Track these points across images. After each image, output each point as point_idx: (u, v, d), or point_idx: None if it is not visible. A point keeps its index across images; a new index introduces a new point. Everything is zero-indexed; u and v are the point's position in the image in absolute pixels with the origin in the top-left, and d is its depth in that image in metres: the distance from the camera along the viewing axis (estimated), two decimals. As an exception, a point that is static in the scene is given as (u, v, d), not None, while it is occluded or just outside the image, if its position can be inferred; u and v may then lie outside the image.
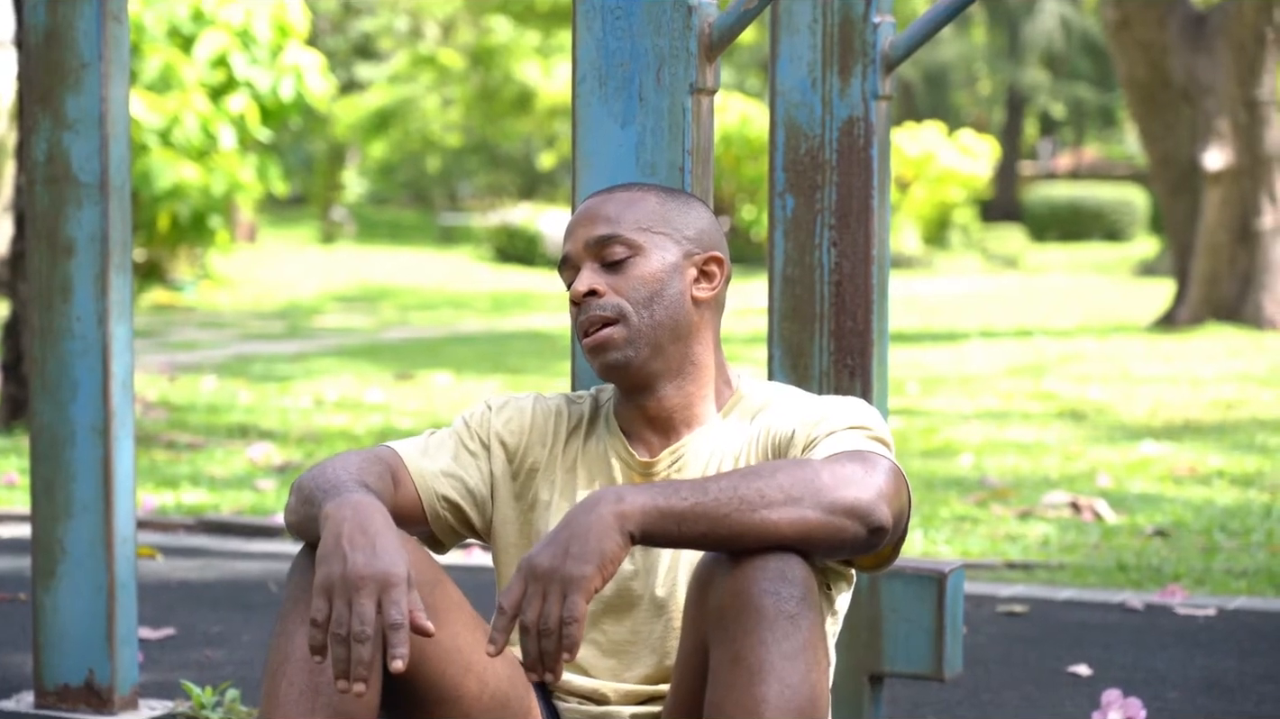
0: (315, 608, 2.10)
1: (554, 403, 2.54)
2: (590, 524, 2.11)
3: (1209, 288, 15.51)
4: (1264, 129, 15.33)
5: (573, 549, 2.09)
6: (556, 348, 14.03)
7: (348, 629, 2.08)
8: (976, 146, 27.71)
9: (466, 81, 32.48)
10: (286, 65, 17.23)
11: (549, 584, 2.08)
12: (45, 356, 3.65)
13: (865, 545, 2.20)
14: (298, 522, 2.30)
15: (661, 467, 2.43)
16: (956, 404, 10.13)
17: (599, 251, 2.43)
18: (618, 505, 2.12)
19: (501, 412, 2.51)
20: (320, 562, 2.12)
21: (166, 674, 4.10)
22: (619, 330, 2.40)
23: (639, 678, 2.42)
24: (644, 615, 2.41)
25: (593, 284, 2.41)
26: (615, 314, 2.40)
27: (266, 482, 7.06)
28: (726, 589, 2.16)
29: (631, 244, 2.42)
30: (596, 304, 2.41)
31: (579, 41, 2.82)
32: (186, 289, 19.46)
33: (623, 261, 2.42)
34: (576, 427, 2.51)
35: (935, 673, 3.34)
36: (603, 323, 2.41)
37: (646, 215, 2.45)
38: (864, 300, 3.30)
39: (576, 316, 2.44)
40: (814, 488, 2.16)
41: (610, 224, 2.43)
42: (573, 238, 2.46)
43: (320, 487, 2.26)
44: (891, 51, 3.31)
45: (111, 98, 3.61)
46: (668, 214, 2.46)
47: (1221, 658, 4.38)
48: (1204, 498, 6.82)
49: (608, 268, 2.43)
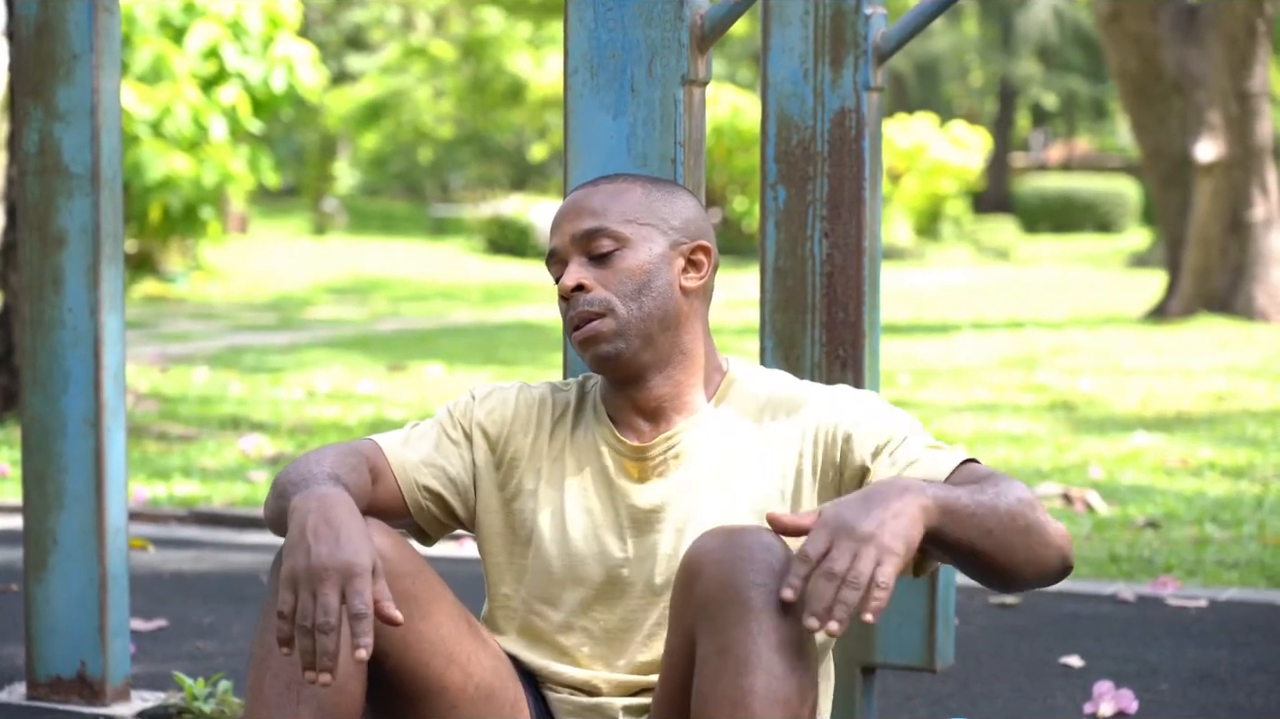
0: (281, 600, 2.10)
1: (538, 392, 2.53)
2: (905, 508, 2.10)
3: (1200, 280, 15.53)
4: (1255, 121, 15.34)
5: (889, 524, 2.08)
6: (548, 339, 14.03)
7: (312, 620, 2.08)
8: (968, 138, 27.72)
9: (458, 73, 32.47)
10: (278, 56, 17.21)
11: (864, 545, 2.06)
12: (37, 348, 3.65)
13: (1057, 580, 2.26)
14: (274, 517, 2.31)
15: (655, 452, 2.42)
16: (948, 396, 10.14)
17: (586, 245, 2.42)
18: (921, 497, 2.12)
19: (485, 401, 2.51)
20: (286, 554, 2.13)
21: (158, 665, 4.10)
22: (607, 323, 2.40)
23: (632, 667, 2.42)
24: (637, 603, 2.41)
25: (580, 279, 2.41)
26: (603, 308, 2.40)
27: (258, 473, 7.06)
28: (715, 580, 2.15)
29: (618, 237, 2.42)
30: (584, 299, 2.40)
31: (570, 33, 2.82)
32: (178, 280, 19.44)
33: (609, 254, 2.41)
34: (562, 415, 2.50)
35: (927, 664, 3.35)
36: (591, 317, 2.40)
37: (632, 207, 2.44)
38: (855, 292, 3.30)
39: (565, 311, 2.43)
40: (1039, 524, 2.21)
41: (596, 217, 2.42)
42: (559, 232, 2.46)
43: (292, 480, 2.27)
44: (883, 43, 3.31)
45: (103, 89, 3.61)
46: (653, 204, 2.45)
47: (1213, 649, 4.38)
48: (1195, 489, 6.83)
49: (595, 261, 2.42)
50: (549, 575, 2.43)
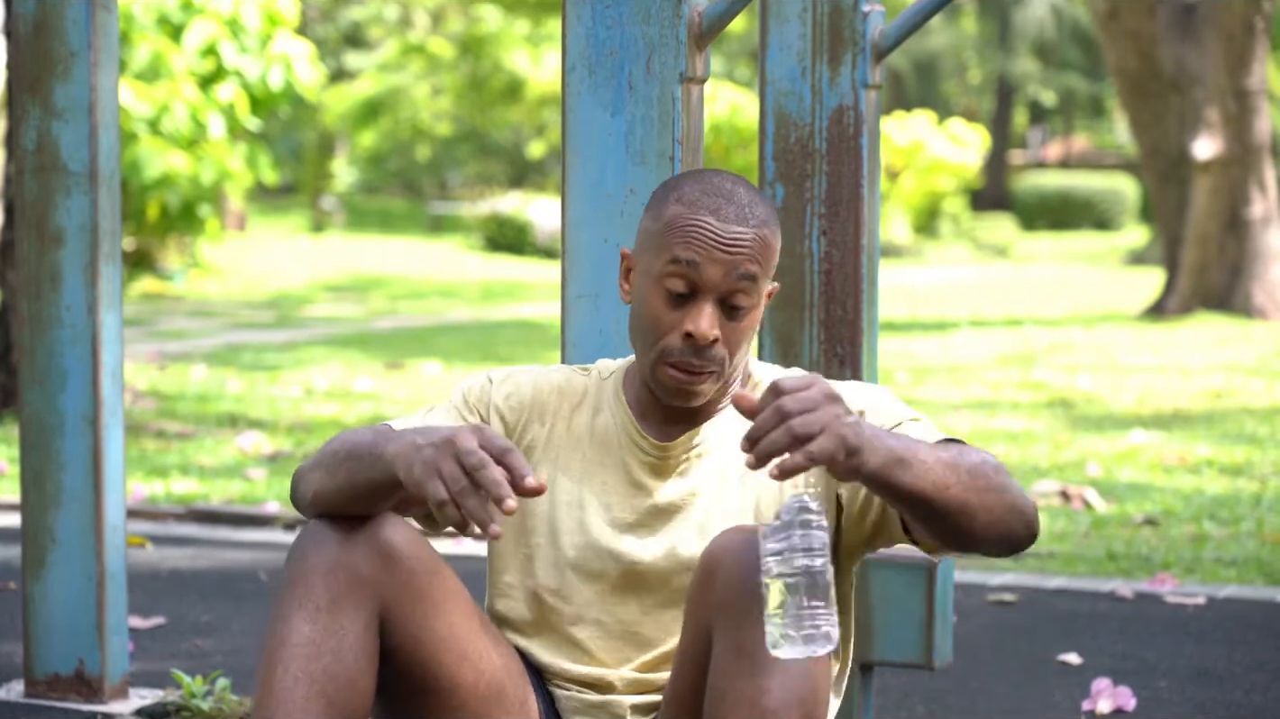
0: (432, 491, 2.08)
1: (556, 378, 2.49)
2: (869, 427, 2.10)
3: (1198, 277, 15.53)
4: (1253, 118, 15.34)
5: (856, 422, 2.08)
6: (546, 337, 14.03)
7: (466, 469, 2.07)
8: (966, 136, 27.71)
9: (456, 70, 32.46)
10: (276, 54, 17.19)
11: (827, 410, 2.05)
12: (34, 346, 3.65)
13: (1022, 548, 2.24)
14: (329, 489, 2.27)
15: (679, 451, 2.41)
16: (946, 393, 10.14)
17: (732, 291, 2.33)
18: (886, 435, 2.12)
19: (502, 386, 2.47)
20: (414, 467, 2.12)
21: (157, 663, 4.09)
22: (711, 380, 2.36)
23: (644, 665, 2.40)
24: (653, 600, 2.39)
25: (718, 333, 2.34)
26: (718, 367, 2.36)
27: (256, 471, 7.06)
28: (733, 578, 2.15)
29: (755, 301, 2.36)
30: (709, 352, 2.34)
31: (568, 30, 2.82)
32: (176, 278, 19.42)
33: (742, 310, 2.35)
34: (580, 403, 2.47)
35: (925, 662, 3.35)
36: (705, 372, 2.35)
37: (772, 261, 2.37)
38: (854, 289, 3.30)
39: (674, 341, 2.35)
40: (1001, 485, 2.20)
41: (755, 264, 2.33)
42: (713, 262, 2.32)
43: (361, 443, 2.25)
44: (881, 40, 3.31)
45: (100, 86, 3.61)
46: (775, 251, 2.38)
47: (1211, 646, 4.38)
48: (1193, 487, 6.83)
49: (726, 311, 2.34)
50: (564, 568, 2.42)
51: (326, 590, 2.24)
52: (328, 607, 2.24)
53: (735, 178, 2.39)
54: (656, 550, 2.39)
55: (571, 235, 2.85)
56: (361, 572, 2.25)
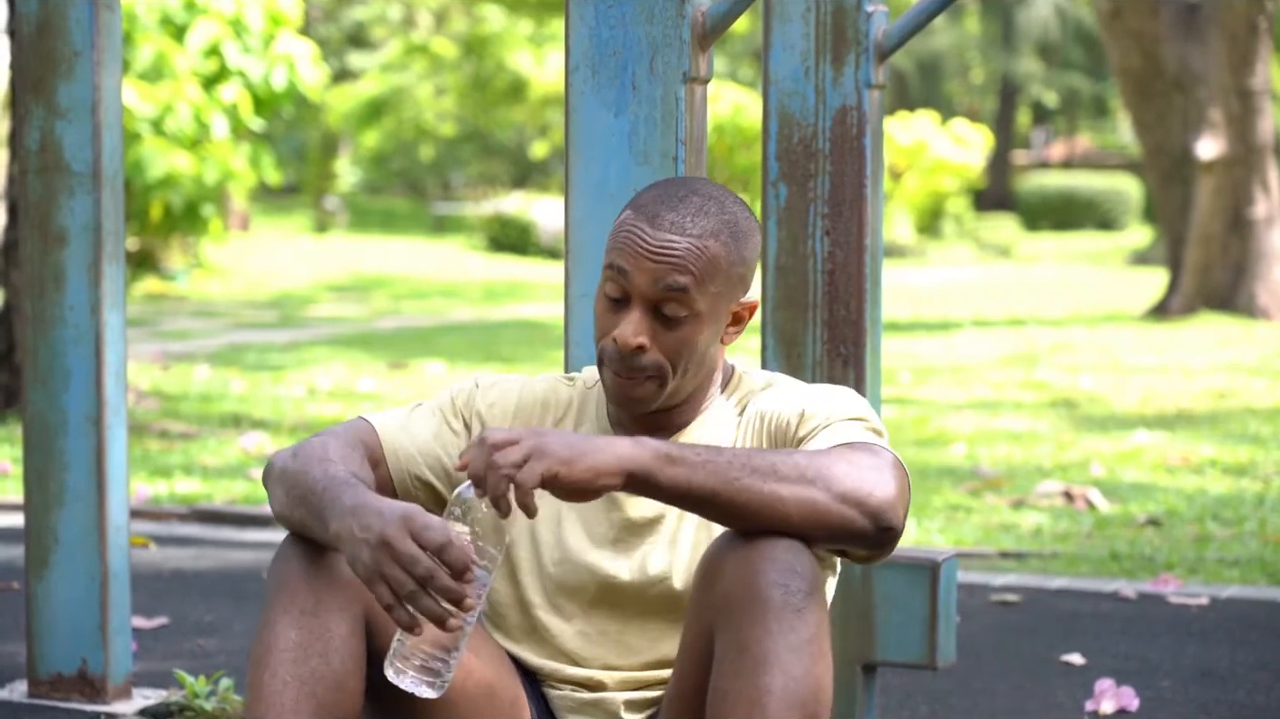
0: (379, 595, 2.11)
1: (541, 389, 2.50)
2: (606, 446, 2.13)
3: (1202, 277, 15.52)
4: (1257, 118, 15.34)
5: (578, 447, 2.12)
6: (549, 337, 14.03)
7: (410, 575, 2.08)
8: (969, 136, 27.72)
9: (459, 70, 32.46)
10: (279, 54, 17.19)
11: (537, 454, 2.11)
12: (38, 345, 3.65)
13: (870, 542, 2.20)
14: (288, 517, 2.30)
15: None
16: (949, 393, 10.14)
17: (662, 302, 2.32)
18: (635, 447, 2.14)
19: (487, 393, 2.48)
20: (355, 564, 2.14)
21: (160, 663, 4.10)
22: (652, 386, 2.35)
23: (635, 666, 2.41)
24: (634, 611, 2.40)
25: (643, 340, 2.33)
26: (655, 372, 2.35)
27: (259, 471, 7.06)
28: (735, 579, 2.16)
29: (694, 310, 2.33)
30: (640, 359, 2.34)
31: (572, 30, 2.82)
32: (179, 278, 19.43)
33: (679, 320, 2.33)
34: (563, 416, 2.49)
35: (928, 662, 3.35)
36: (640, 377, 2.35)
37: (716, 271, 2.33)
38: (857, 289, 3.30)
39: (610, 348, 2.35)
40: (827, 474, 2.17)
41: (685, 274, 2.31)
42: (640, 270, 2.32)
43: (313, 490, 2.25)
44: (884, 40, 3.31)
45: (104, 86, 3.61)
46: (731, 265, 2.34)
47: (1214, 647, 4.38)
48: (1196, 487, 6.83)
49: (661, 320, 2.33)
50: (546, 581, 2.43)
51: (311, 594, 2.25)
52: (313, 610, 2.25)
53: (701, 187, 2.37)
54: (629, 566, 2.40)
55: (575, 235, 2.85)
56: (345, 574, 2.26)
